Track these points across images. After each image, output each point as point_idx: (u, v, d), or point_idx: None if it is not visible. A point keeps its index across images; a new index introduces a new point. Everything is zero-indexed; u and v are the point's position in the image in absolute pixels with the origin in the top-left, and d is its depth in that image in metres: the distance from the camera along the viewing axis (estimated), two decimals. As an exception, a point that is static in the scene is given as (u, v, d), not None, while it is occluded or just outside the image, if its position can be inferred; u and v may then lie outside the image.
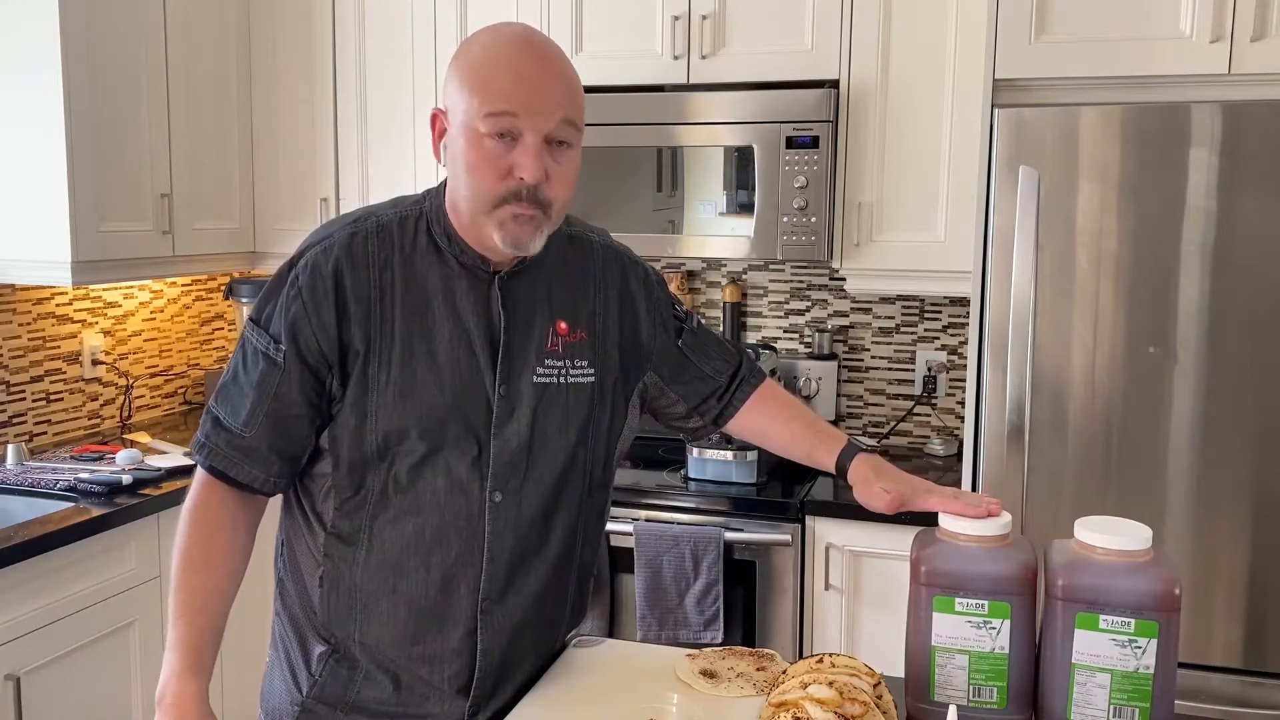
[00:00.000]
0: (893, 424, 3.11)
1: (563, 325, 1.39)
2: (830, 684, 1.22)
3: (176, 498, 2.48)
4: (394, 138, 3.11)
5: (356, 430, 1.31)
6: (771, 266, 3.18)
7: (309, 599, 1.39)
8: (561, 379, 1.38)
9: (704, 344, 1.56)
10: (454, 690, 1.38)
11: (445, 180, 1.38)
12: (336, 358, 1.31)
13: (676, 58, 2.80)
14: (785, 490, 2.65)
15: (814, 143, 2.67)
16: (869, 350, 3.12)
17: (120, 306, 3.19)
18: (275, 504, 1.44)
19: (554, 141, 1.28)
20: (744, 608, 2.57)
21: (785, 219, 2.70)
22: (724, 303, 3.18)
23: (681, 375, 1.53)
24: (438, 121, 1.33)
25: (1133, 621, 1.22)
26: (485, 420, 1.34)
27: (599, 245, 1.50)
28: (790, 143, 2.68)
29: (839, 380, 3.11)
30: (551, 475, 1.38)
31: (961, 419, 3.01)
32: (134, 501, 2.41)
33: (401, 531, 1.33)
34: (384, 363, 1.31)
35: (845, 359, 3.13)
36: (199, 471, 1.37)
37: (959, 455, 2.92)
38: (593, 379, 1.41)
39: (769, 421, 1.58)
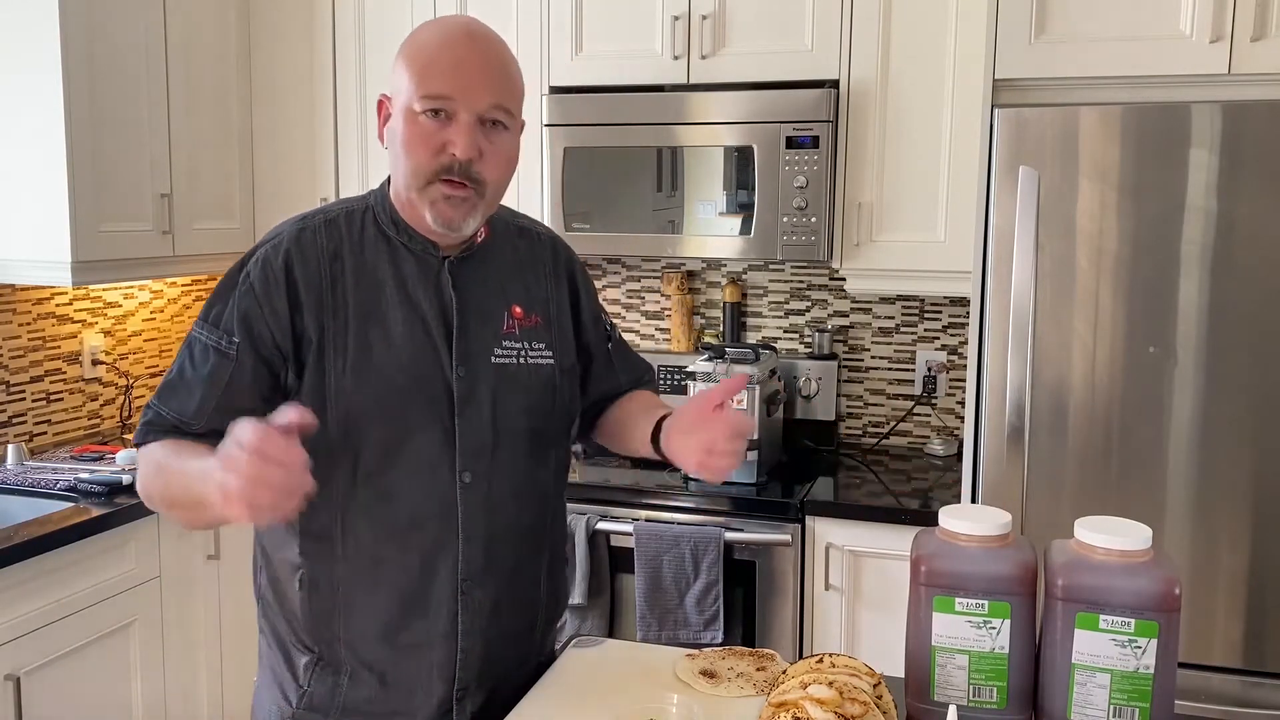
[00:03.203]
0: (893, 424, 3.11)
1: (518, 310, 1.44)
2: (830, 684, 1.22)
3: (176, 498, 2.47)
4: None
5: (317, 418, 1.31)
6: (771, 266, 3.18)
7: (290, 607, 1.40)
8: (521, 359, 1.42)
9: (624, 354, 1.63)
10: (440, 678, 1.39)
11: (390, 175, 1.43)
12: (290, 347, 1.33)
13: (676, 58, 2.80)
14: (785, 490, 2.65)
15: (814, 143, 2.67)
16: (869, 350, 3.12)
17: (120, 306, 3.19)
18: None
19: (487, 121, 1.32)
20: (744, 608, 2.57)
21: (785, 219, 2.70)
22: (724, 303, 3.18)
23: (601, 374, 1.58)
24: (383, 108, 1.37)
25: (1133, 621, 1.22)
26: (447, 402, 1.36)
27: (547, 238, 1.55)
28: (790, 143, 2.68)
29: (839, 380, 3.11)
30: (517, 454, 1.42)
31: (961, 419, 3.01)
32: (134, 501, 2.40)
33: (376, 521, 1.34)
34: (339, 348, 1.34)
35: (845, 359, 3.13)
36: (141, 453, 1.35)
37: (959, 455, 2.92)
38: (551, 361, 1.46)
39: (615, 406, 1.58)
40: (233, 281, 1.35)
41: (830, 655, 1.32)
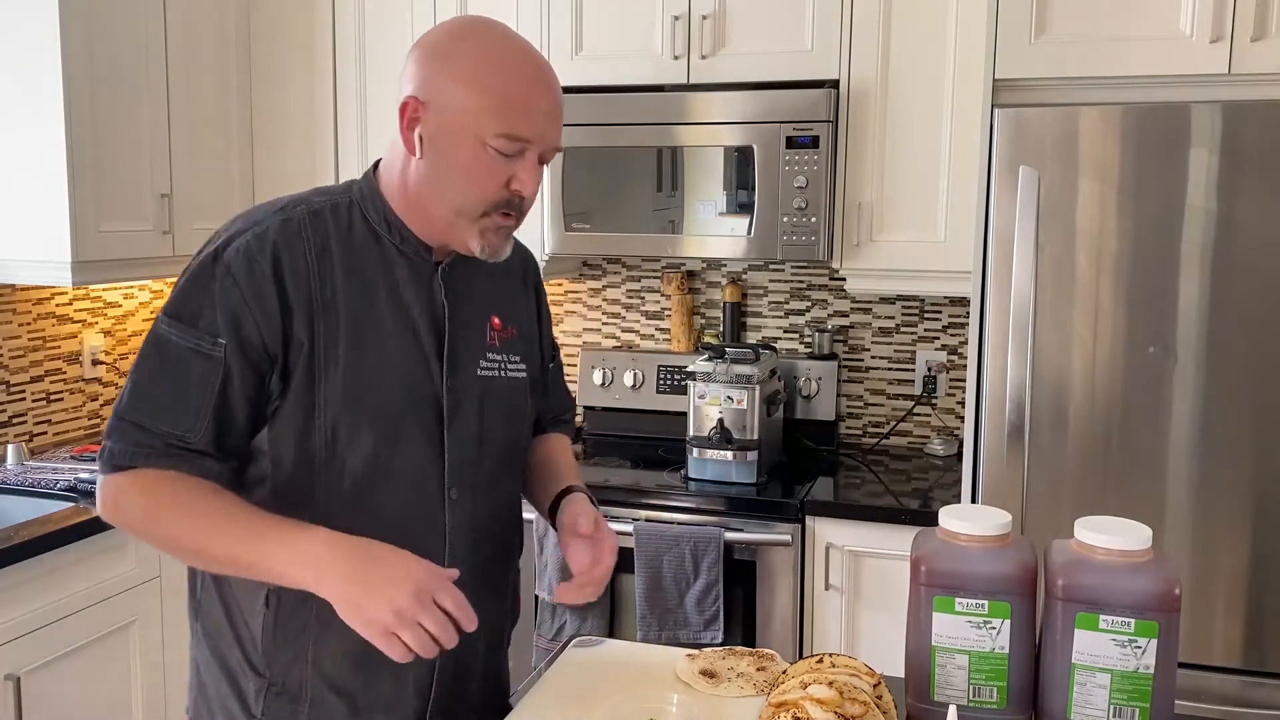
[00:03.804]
0: (893, 424, 3.11)
1: (497, 320, 1.41)
2: (830, 684, 1.22)
3: (176, 498, 2.48)
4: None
5: (303, 425, 1.25)
6: (771, 266, 3.18)
7: (244, 627, 1.32)
8: (502, 373, 1.40)
9: (558, 382, 1.63)
10: (415, 696, 1.36)
11: (375, 166, 1.36)
12: (280, 349, 1.23)
13: (676, 58, 2.80)
14: (785, 490, 2.65)
15: (814, 143, 2.67)
16: (869, 350, 3.12)
17: (120, 306, 3.19)
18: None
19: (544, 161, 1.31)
20: (744, 608, 2.57)
21: (785, 219, 2.70)
22: (724, 303, 3.18)
23: (537, 390, 1.55)
24: (411, 109, 1.26)
25: (1133, 621, 1.22)
26: (436, 415, 1.32)
27: (519, 249, 1.52)
28: (790, 143, 2.68)
29: (839, 380, 3.11)
30: (498, 468, 1.40)
31: (961, 419, 3.01)
32: (134, 501, 2.40)
33: (365, 536, 1.22)
34: (331, 354, 1.26)
35: (845, 359, 3.13)
36: (112, 480, 1.25)
37: (959, 455, 2.92)
38: (525, 374, 1.44)
39: (534, 444, 1.57)
40: (208, 274, 1.23)
41: (830, 655, 1.32)
